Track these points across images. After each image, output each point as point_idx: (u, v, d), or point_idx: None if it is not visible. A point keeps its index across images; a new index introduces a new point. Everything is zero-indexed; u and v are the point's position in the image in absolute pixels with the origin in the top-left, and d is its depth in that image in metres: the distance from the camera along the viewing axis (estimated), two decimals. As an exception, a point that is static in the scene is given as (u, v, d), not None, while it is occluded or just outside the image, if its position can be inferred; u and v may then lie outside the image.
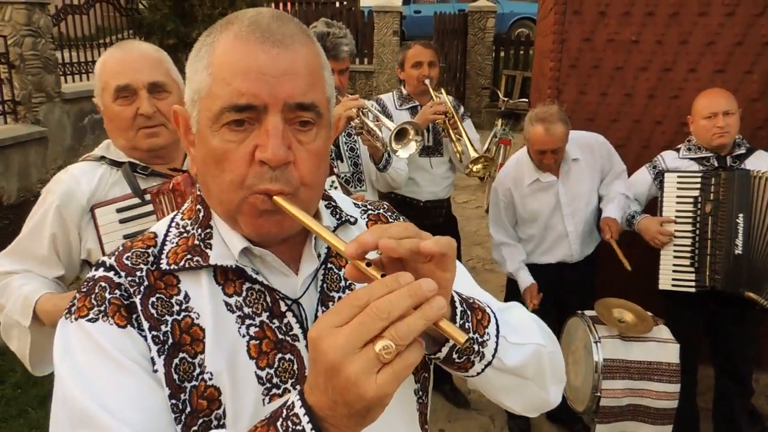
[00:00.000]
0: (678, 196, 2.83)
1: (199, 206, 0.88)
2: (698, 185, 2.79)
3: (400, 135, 2.60)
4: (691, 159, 2.88)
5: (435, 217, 3.38)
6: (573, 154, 2.98)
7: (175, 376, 0.77)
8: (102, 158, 1.76)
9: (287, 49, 0.78)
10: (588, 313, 2.78)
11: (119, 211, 1.67)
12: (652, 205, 3.03)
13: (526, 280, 3.05)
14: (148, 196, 1.68)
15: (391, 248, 0.65)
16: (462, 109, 3.48)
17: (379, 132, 2.52)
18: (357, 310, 0.60)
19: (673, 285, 2.83)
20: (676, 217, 2.83)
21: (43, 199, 1.71)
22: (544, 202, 3.00)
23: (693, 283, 2.79)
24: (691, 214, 2.81)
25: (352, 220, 0.96)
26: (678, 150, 2.95)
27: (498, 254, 3.17)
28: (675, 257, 2.83)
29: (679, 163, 2.90)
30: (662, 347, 2.60)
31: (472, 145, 3.13)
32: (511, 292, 3.28)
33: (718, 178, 2.74)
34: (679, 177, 2.84)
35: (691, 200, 2.80)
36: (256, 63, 0.76)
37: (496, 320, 0.86)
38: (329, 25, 2.50)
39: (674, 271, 2.83)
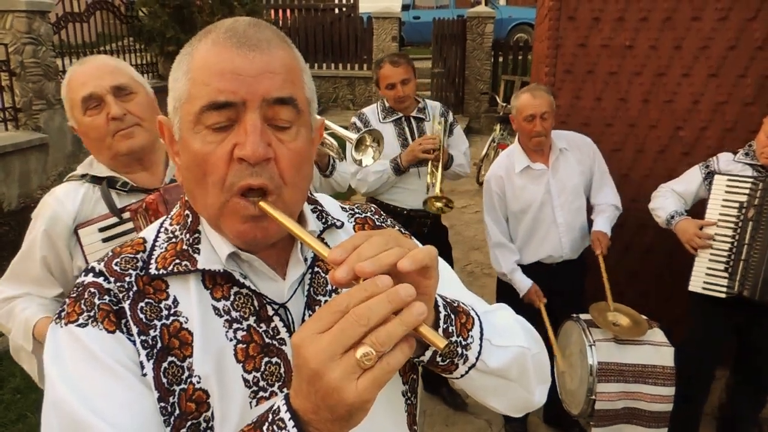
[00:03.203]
0: (724, 200, 2.75)
1: (187, 211, 0.90)
2: (747, 191, 2.70)
3: (359, 143, 2.61)
4: (747, 164, 2.79)
5: (419, 226, 3.34)
6: (560, 144, 3.02)
7: (164, 380, 0.78)
8: (84, 176, 1.78)
9: (263, 52, 0.79)
10: (583, 316, 2.80)
11: (101, 230, 1.69)
12: (699, 207, 2.94)
13: (523, 282, 3.03)
14: (126, 214, 1.70)
15: (369, 272, 0.64)
16: (451, 117, 3.47)
17: (331, 139, 2.54)
18: (338, 315, 0.61)
19: (704, 288, 2.76)
20: (719, 220, 2.76)
21: (33, 224, 1.74)
22: (534, 192, 3.00)
23: (724, 289, 2.71)
24: (734, 219, 2.72)
25: (338, 224, 0.97)
26: (735, 153, 2.87)
27: (493, 254, 3.15)
28: (710, 260, 2.76)
29: (733, 166, 2.82)
30: (656, 350, 2.61)
31: (440, 183, 3.16)
32: (502, 295, 3.28)
33: (766, 183, 2.66)
34: (729, 180, 2.75)
35: (737, 205, 2.72)
36: (232, 65, 0.77)
37: (480, 323, 0.87)
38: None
39: (707, 274, 2.76)
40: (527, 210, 3.02)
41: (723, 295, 2.72)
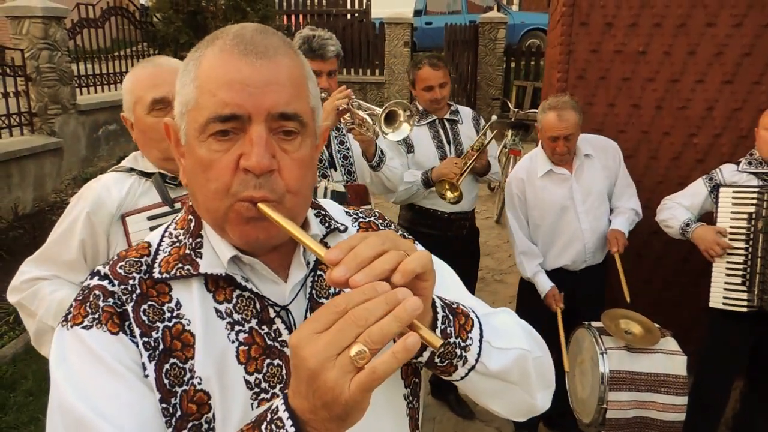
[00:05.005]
0: (733, 212, 2.72)
1: (190, 216, 0.90)
2: (754, 201, 2.66)
3: (391, 119, 2.43)
4: (751, 173, 2.74)
5: (459, 229, 3.36)
6: (585, 150, 2.99)
7: (166, 381, 0.79)
8: (131, 170, 1.82)
9: (270, 60, 0.80)
10: (595, 324, 2.77)
11: (150, 218, 1.72)
12: (705, 220, 2.90)
13: (545, 284, 3.01)
14: (177, 205, 1.74)
15: (361, 285, 0.64)
16: (483, 122, 3.44)
17: (370, 120, 2.42)
18: (336, 316, 0.62)
19: (724, 303, 2.71)
20: (730, 233, 2.72)
21: (74, 206, 1.76)
22: (556, 194, 2.97)
23: (744, 302, 2.67)
24: (745, 231, 2.68)
25: (342, 228, 0.97)
26: (738, 163, 2.83)
27: (519, 260, 3.13)
28: (727, 275, 2.71)
29: (738, 176, 2.78)
30: (669, 359, 2.57)
31: (464, 176, 3.15)
32: (524, 296, 3.26)
33: None
34: (734, 192, 2.72)
35: (746, 216, 2.68)
36: (239, 75, 0.78)
37: (480, 325, 0.87)
38: (314, 29, 2.55)
39: (726, 289, 2.71)
40: (547, 213, 3.00)
41: (744, 309, 2.68)
